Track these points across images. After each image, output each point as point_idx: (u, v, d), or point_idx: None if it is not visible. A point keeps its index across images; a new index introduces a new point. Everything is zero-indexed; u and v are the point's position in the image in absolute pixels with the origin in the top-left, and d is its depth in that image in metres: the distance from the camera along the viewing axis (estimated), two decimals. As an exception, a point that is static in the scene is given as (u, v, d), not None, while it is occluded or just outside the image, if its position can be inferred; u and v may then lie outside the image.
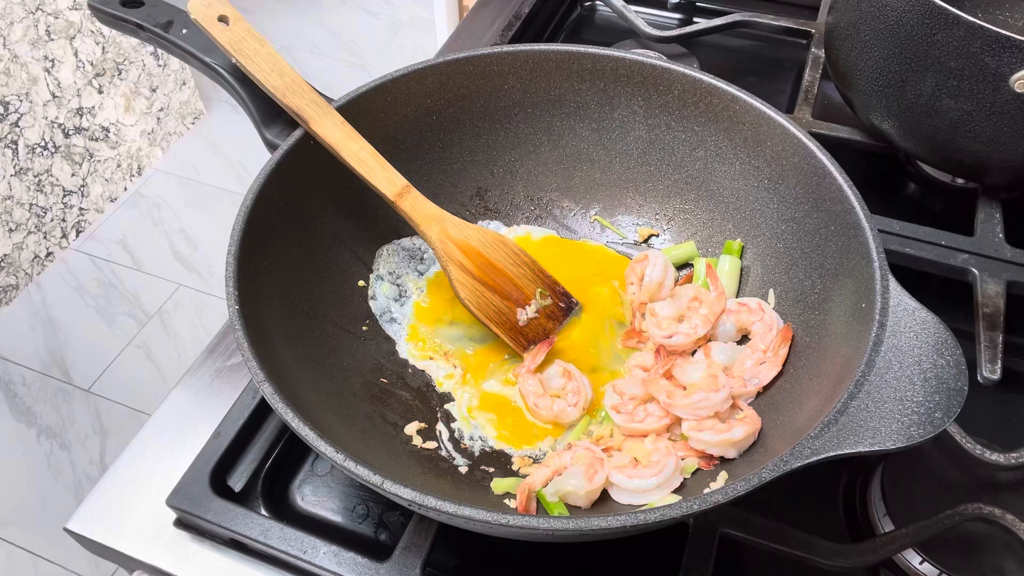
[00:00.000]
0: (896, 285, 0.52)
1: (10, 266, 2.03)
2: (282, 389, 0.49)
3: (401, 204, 0.63)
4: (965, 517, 0.53)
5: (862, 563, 0.53)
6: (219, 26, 0.62)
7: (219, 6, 0.62)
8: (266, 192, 0.60)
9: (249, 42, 0.62)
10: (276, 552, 0.55)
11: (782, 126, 0.63)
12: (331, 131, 0.62)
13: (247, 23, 0.63)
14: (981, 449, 0.57)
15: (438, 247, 0.64)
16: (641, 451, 0.57)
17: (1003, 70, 0.62)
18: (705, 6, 1.06)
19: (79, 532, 0.60)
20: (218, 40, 0.62)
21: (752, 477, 0.45)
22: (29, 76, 1.93)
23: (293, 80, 0.62)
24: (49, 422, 1.84)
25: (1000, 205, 0.74)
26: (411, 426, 0.61)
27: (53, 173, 2.08)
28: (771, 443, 0.55)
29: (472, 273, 0.65)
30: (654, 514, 0.44)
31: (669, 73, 0.68)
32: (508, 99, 0.72)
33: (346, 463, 0.45)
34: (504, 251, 0.67)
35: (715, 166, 0.69)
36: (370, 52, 2.79)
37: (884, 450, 0.46)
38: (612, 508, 0.56)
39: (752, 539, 0.54)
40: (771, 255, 0.66)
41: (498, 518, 0.43)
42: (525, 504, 0.55)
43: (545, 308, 0.67)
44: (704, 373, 0.59)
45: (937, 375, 0.48)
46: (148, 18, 0.67)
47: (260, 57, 0.62)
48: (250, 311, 0.53)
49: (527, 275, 0.67)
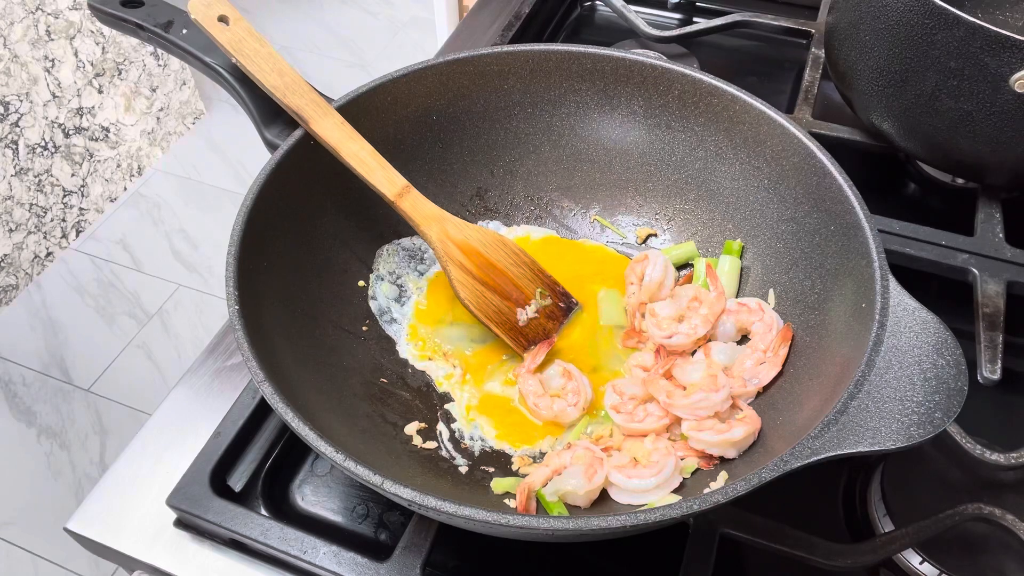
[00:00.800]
0: (896, 285, 0.52)
1: (10, 266, 2.03)
2: (282, 389, 0.49)
3: (401, 204, 0.63)
4: (965, 517, 0.53)
5: (862, 563, 0.53)
6: (219, 26, 0.62)
7: (219, 6, 0.62)
8: (266, 192, 0.60)
9: (249, 42, 0.62)
10: (276, 552, 0.55)
11: (782, 126, 0.63)
12: (331, 131, 0.62)
13: (247, 23, 0.63)
14: (981, 449, 0.57)
15: (438, 247, 0.64)
16: (641, 451, 0.57)
17: (1003, 70, 0.62)
18: (705, 6, 1.06)
19: (79, 532, 0.60)
20: (218, 40, 0.62)
21: (752, 477, 0.45)
22: (29, 76, 1.93)
23: (293, 80, 0.62)
24: (49, 422, 1.84)
25: (1000, 205, 0.74)
26: (411, 426, 0.61)
27: (53, 173, 2.08)
28: (771, 443, 0.55)
29: (472, 273, 0.65)
30: (654, 514, 0.44)
31: (669, 73, 0.68)
32: (508, 99, 0.72)
33: (346, 463, 0.45)
34: (504, 251, 0.67)
35: (715, 166, 0.69)
36: (370, 52, 2.79)
37: (884, 450, 0.46)
38: (612, 508, 0.56)
39: (752, 539, 0.54)
40: (771, 255, 0.66)
41: (498, 518, 0.44)
42: (525, 504, 0.55)
43: (545, 308, 0.67)
44: (704, 373, 0.59)
45: (937, 375, 0.48)
46: (148, 18, 0.67)
47: (260, 57, 0.62)
48: (250, 311, 0.53)
49: (527, 275, 0.67)
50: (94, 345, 1.97)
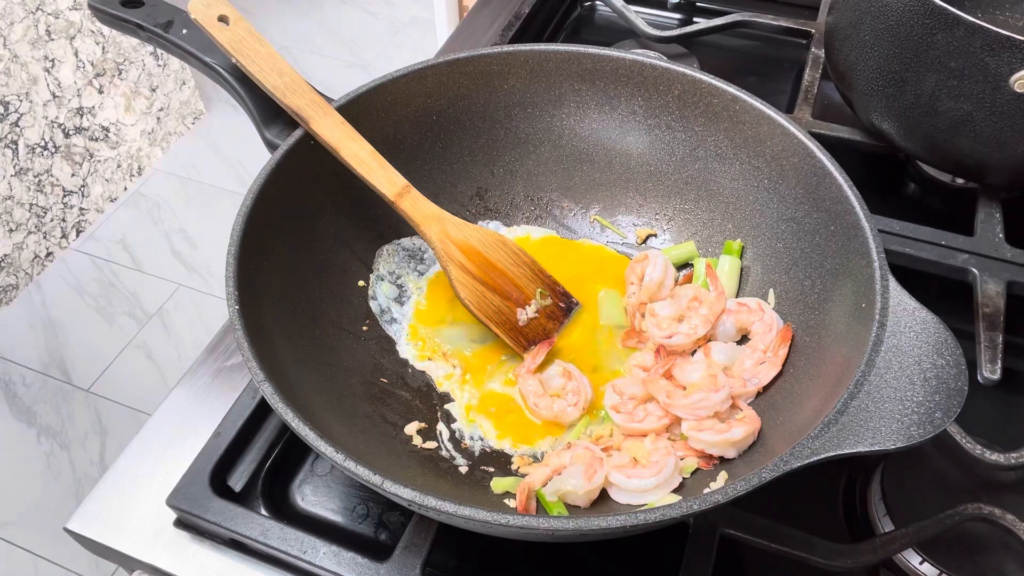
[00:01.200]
0: (896, 285, 0.52)
1: (10, 266, 2.03)
2: (282, 389, 0.49)
3: (401, 204, 0.63)
4: (965, 517, 0.53)
5: (862, 563, 0.53)
6: (219, 26, 0.62)
7: (219, 6, 0.62)
8: (266, 192, 0.60)
9: (249, 42, 0.62)
10: (276, 552, 0.55)
11: (782, 126, 0.63)
12: (331, 131, 0.62)
13: (247, 23, 0.63)
14: (981, 449, 0.57)
15: (438, 247, 0.64)
16: (640, 451, 0.57)
17: (1003, 70, 0.62)
18: (705, 6, 1.06)
19: (79, 532, 0.60)
20: (218, 40, 0.62)
21: (752, 477, 0.45)
22: (29, 76, 1.93)
23: (293, 80, 0.62)
24: (49, 422, 1.84)
25: (1000, 205, 0.74)
26: (411, 426, 0.61)
27: (53, 173, 2.08)
28: (771, 443, 0.55)
29: (472, 273, 0.65)
30: (654, 514, 0.44)
31: (669, 73, 0.68)
32: (508, 99, 0.72)
33: (346, 463, 0.45)
34: (504, 251, 0.67)
35: (715, 166, 0.69)
36: (370, 52, 2.79)
37: (884, 450, 0.46)
38: (611, 507, 0.56)
39: (752, 539, 0.54)
40: (771, 255, 0.66)
41: (498, 518, 0.44)
42: (525, 504, 0.55)
43: (545, 308, 0.67)
44: (704, 373, 0.59)
45: (937, 375, 0.48)
46: (148, 18, 0.67)
47: (260, 57, 0.62)
48: (250, 311, 0.53)
49: (527, 275, 0.67)
50: (94, 345, 1.97)
